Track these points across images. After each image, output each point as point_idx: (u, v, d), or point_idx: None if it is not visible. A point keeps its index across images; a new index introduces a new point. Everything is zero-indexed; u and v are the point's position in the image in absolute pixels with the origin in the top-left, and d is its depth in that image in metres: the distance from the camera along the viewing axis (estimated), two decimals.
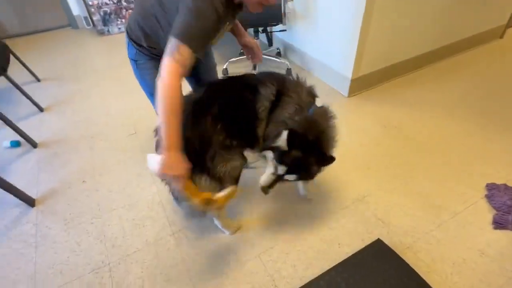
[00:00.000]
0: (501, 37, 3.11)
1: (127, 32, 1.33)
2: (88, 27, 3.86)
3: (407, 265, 1.29)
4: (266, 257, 1.38)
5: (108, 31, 3.62)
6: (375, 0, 1.91)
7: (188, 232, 1.51)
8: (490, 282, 1.26)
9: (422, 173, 1.74)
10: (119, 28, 3.66)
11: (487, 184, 1.67)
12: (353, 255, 1.35)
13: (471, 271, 1.30)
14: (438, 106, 2.24)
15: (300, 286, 1.25)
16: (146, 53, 1.31)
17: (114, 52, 3.29)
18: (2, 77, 2.19)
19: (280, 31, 2.70)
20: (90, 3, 3.39)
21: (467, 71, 2.62)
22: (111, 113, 2.37)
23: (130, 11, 3.60)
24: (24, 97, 2.37)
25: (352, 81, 2.29)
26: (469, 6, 2.49)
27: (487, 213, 1.53)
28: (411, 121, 2.12)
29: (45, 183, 1.82)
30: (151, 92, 1.38)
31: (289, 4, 2.49)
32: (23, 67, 2.68)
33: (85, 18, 3.78)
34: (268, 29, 2.79)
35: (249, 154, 1.38)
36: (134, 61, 1.36)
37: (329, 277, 1.27)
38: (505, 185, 1.65)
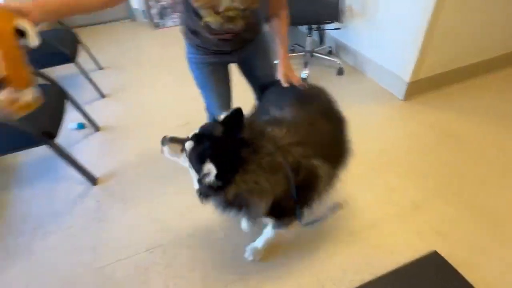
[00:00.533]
0: None
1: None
2: (145, 20, 4.06)
3: (466, 281, 1.22)
4: (315, 258, 1.38)
5: (163, 24, 3.79)
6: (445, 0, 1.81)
7: (238, 227, 1.55)
8: None
9: (481, 186, 1.64)
10: (174, 22, 3.80)
11: None
12: (406, 264, 1.31)
13: None
14: (501, 117, 2.08)
15: None
16: (192, 44, 1.33)
17: (168, 45, 3.43)
18: (71, 64, 2.38)
19: (334, 29, 2.65)
20: None
21: None
22: (165, 103, 2.49)
23: None
24: (88, 84, 2.56)
25: (410, 84, 2.19)
26: None
27: None
28: (471, 131, 1.99)
29: (105, 165, 1.96)
30: (199, 86, 1.44)
31: (347, 1, 2.43)
32: (87, 55, 2.89)
33: (143, 11, 3.97)
34: (321, 27, 2.75)
35: None
36: (187, 53, 1.40)
37: (380, 284, 1.24)
38: None
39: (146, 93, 2.63)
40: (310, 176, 0.99)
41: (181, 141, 1.03)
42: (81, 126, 2.25)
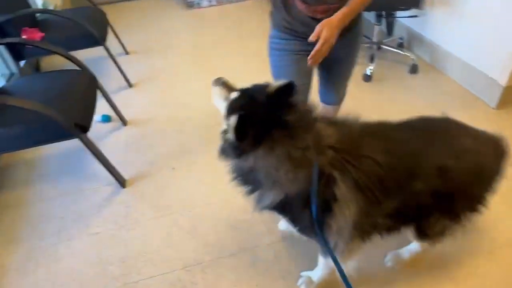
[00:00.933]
0: None
1: None
2: None
3: None
4: None
5: (198, 4, 3.93)
6: None
7: (288, 246, 1.59)
8: None
9: None
10: (210, 1, 3.93)
11: None
12: None
13: None
14: None
15: None
16: (277, 24, 1.45)
17: (203, 29, 3.56)
18: (97, 47, 2.53)
19: (410, 17, 2.63)
20: None
21: None
22: (201, 97, 2.57)
23: None
24: (115, 70, 2.71)
25: (506, 88, 2.13)
26: None
27: None
28: None
29: (135, 164, 2.06)
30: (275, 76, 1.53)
31: None
32: (113, 37, 3.06)
33: None
34: (393, 13, 2.74)
35: None
36: (269, 37, 1.53)
37: None
38: None
39: (178, 84, 2.75)
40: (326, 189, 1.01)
41: (231, 89, 1.14)
42: (106, 119, 2.38)
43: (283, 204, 1.08)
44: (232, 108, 1.01)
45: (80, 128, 1.70)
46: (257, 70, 2.79)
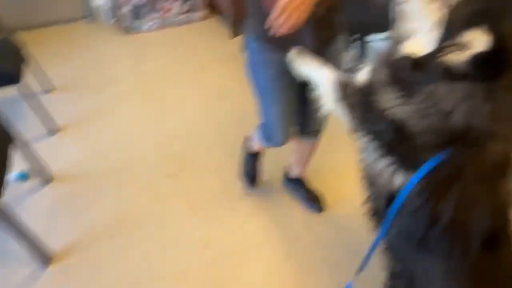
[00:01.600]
0: None
1: None
2: (110, 21, 4.18)
3: None
4: None
5: (138, 27, 3.91)
6: None
7: None
8: None
9: None
10: (152, 25, 3.93)
11: None
12: None
13: None
14: None
15: None
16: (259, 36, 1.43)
17: (144, 56, 3.51)
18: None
19: (383, 39, 2.74)
20: None
21: None
22: (145, 140, 2.50)
23: (169, 3, 3.87)
24: (36, 113, 2.57)
25: None
26: None
27: None
28: None
29: (63, 234, 1.93)
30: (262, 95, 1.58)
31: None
32: (33, 71, 2.93)
33: (108, 9, 4.09)
34: (364, 38, 2.85)
35: None
36: (249, 55, 1.55)
37: None
38: None
39: (118, 126, 2.66)
40: None
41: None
42: (23, 176, 2.23)
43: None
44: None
45: None
46: (210, 99, 2.79)
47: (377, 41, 2.91)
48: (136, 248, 1.85)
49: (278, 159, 2.16)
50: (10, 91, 2.48)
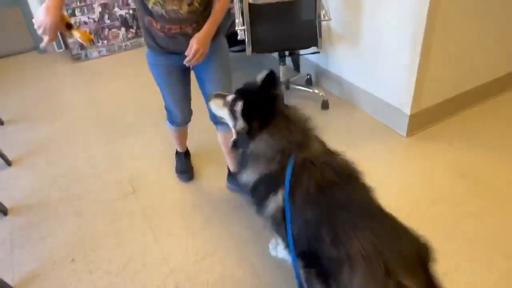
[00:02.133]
0: None
1: None
2: (59, 50, 4.12)
3: None
4: None
5: (86, 55, 3.87)
6: (437, 15, 2.10)
7: None
8: None
9: None
10: (100, 52, 3.90)
11: None
12: None
13: None
14: None
15: None
16: (148, 45, 1.88)
17: (94, 83, 3.48)
18: None
19: (312, 53, 2.89)
20: None
21: None
22: (98, 165, 2.49)
23: (114, 30, 3.86)
24: None
25: (411, 116, 2.42)
26: None
27: None
28: (493, 168, 2.22)
29: (23, 264, 1.88)
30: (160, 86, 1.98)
31: (325, 23, 2.68)
32: None
33: (58, 39, 4.04)
34: (296, 52, 2.98)
35: None
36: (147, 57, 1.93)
37: None
38: None
39: (71, 153, 2.63)
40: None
41: (225, 96, 1.52)
42: None
43: (253, 189, 1.44)
44: (234, 104, 1.42)
45: None
46: (157, 124, 2.81)
47: (306, 55, 3.06)
48: (98, 269, 1.83)
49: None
50: None
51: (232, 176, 2.20)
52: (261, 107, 1.35)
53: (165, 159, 2.48)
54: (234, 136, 1.49)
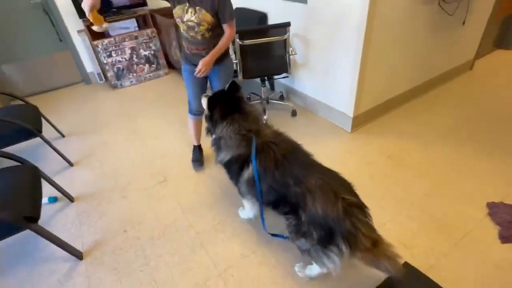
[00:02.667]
0: (471, 68, 3.46)
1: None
2: (101, 82, 4.03)
3: (437, 284, 1.41)
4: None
5: (121, 84, 3.80)
6: (369, 47, 2.17)
7: (234, 271, 1.59)
8: None
9: (429, 199, 1.90)
10: (131, 82, 3.84)
11: (487, 203, 1.84)
12: (385, 281, 1.45)
13: (491, 285, 1.43)
14: (431, 135, 2.46)
15: None
16: (183, 59, 2.04)
17: (128, 104, 3.44)
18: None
19: (283, 77, 2.93)
20: (105, 61, 3.58)
21: (450, 100, 2.89)
22: (137, 162, 2.47)
23: (141, 65, 3.81)
24: (54, 153, 2.45)
25: (354, 118, 2.50)
26: (444, 47, 2.82)
27: (493, 229, 1.68)
28: (410, 151, 2.31)
29: (88, 236, 1.88)
30: (186, 85, 2.07)
31: (292, 57, 2.73)
32: (48, 124, 2.78)
33: (98, 74, 3.96)
34: (272, 77, 3.02)
35: None
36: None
37: None
38: (502, 203, 1.82)
39: (115, 155, 2.59)
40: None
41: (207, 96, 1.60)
42: (53, 200, 2.13)
43: (228, 165, 1.54)
44: (208, 101, 1.55)
45: (30, 219, 1.50)
46: (176, 130, 2.81)
47: (279, 78, 3.10)
48: (144, 236, 1.84)
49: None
50: (34, 140, 2.35)
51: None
52: (222, 103, 1.48)
53: (184, 156, 2.48)
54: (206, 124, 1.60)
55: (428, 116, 2.70)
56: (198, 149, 2.38)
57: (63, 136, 2.89)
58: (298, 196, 1.26)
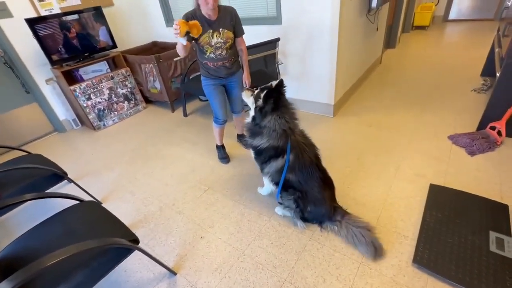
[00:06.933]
0: (380, 62, 4.27)
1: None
2: (77, 127, 3.54)
3: (460, 191, 1.75)
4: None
5: (104, 125, 3.42)
6: (339, 53, 2.55)
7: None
8: (487, 188, 1.83)
9: (413, 143, 2.32)
10: (113, 120, 3.49)
11: (448, 136, 2.35)
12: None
13: (478, 180, 1.86)
14: (385, 105, 2.97)
15: None
16: (203, 73, 2.07)
17: (117, 139, 3.12)
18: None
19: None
20: (85, 104, 3.19)
21: (380, 82, 3.51)
22: (170, 183, 2.28)
23: (120, 103, 3.51)
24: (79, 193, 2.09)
25: (334, 105, 2.84)
26: (370, 46, 3.45)
27: (462, 150, 2.17)
28: (381, 118, 2.75)
29: (166, 254, 1.69)
30: (209, 98, 2.12)
31: (280, 66, 2.93)
32: None
33: (73, 120, 3.47)
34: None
35: None
36: (202, 80, 2.09)
37: None
38: (457, 133, 2.36)
39: (142, 183, 2.34)
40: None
41: (250, 90, 1.66)
42: None
43: (262, 149, 1.58)
44: (258, 93, 1.57)
45: (135, 241, 1.31)
46: (188, 148, 2.69)
47: None
48: (223, 235, 1.75)
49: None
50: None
51: (239, 136, 2.59)
52: (274, 97, 1.49)
53: (210, 166, 2.41)
54: (252, 114, 1.63)
55: (376, 94, 3.24)
56: (222, 148, 2.43)
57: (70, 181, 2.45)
58: (314, 188, 1.57)
